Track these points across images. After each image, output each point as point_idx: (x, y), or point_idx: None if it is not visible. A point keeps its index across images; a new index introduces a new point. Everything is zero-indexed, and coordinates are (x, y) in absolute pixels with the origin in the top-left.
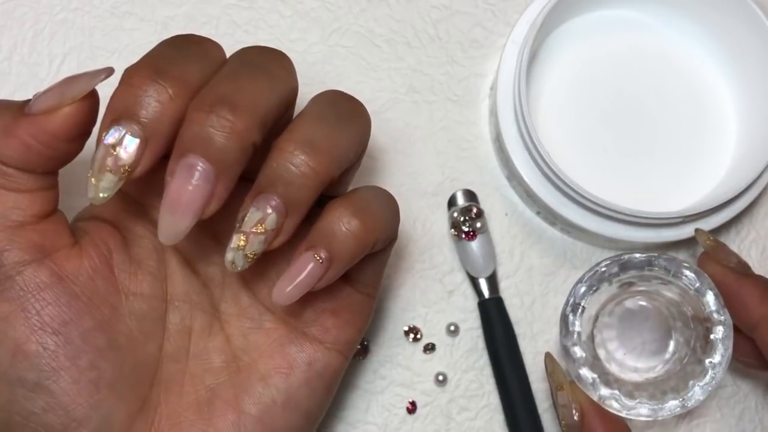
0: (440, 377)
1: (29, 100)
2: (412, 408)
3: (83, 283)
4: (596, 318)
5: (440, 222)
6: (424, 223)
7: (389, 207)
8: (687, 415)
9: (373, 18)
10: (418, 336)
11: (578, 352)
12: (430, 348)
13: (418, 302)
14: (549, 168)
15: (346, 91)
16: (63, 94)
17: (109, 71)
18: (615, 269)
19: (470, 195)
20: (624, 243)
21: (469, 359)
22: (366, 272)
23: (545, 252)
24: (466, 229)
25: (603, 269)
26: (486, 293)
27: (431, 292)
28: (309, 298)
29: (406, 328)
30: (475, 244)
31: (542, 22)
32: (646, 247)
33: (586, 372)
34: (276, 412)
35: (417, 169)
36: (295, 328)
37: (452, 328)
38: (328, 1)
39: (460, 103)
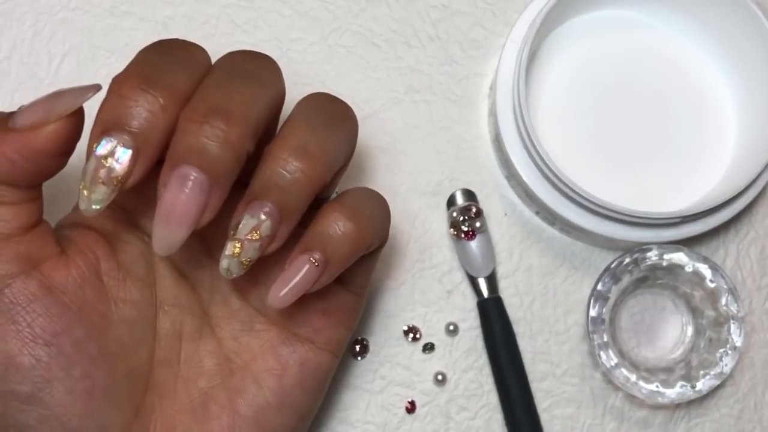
0: (439, 377)
1: (13, 113)
2: (411, 408)
3: (72, 292)
4: (615, 307)
5: (439, 221)
6: (424, 223)
7: (382, 208)
8: (686, 414)
9: (372, 18)
10: (418, 336)
11: (600, 337)
12: (429, 348)
13: (417, 302)
14: (548, 168)
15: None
16: (49, 110)
17: (96, 88)
18: (633, 261)
19: (469, 195)
20: (623, 243)
21: (468, 359)
22: (357, 273)
23: (544, 252)
24: (466, 229)
25: (626, 261)
26: (485, 293)
27: (430, 292)
28: (300, 299)
29: (406, 328)
30: (474, 244)
31: (542, 22)
32: None
33: (610, 355)
34: (270, 413)
35: (416, 169)
36: (286, 329)
37: (451, 327)
38: (327, 1)
39: (459, 103)
